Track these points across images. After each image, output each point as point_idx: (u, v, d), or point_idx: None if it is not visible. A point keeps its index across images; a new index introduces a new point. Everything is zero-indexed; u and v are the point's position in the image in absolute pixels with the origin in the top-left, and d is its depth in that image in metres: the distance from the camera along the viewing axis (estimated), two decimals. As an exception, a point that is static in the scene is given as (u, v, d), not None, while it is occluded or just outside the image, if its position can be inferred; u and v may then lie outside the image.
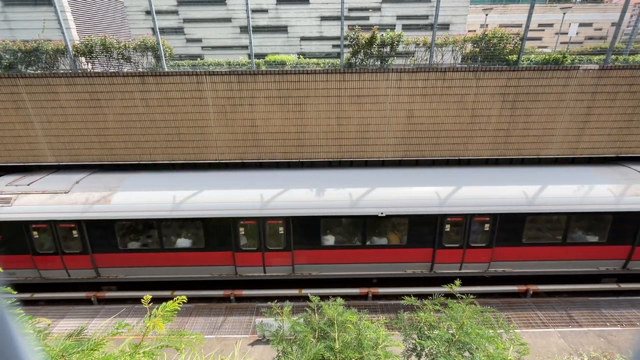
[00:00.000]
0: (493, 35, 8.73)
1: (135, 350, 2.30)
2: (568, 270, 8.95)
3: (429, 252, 8.67)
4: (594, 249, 8.75)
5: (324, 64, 8.99)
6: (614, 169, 9.22)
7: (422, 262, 8.79)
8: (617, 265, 8.87)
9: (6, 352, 0.45)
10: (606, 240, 8.62)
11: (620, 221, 8.44)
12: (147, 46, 8.64)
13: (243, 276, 8.93)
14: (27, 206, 8.15)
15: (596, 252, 8.77)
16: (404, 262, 8.81)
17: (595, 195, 8.33)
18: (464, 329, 3.14)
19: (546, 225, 8.74)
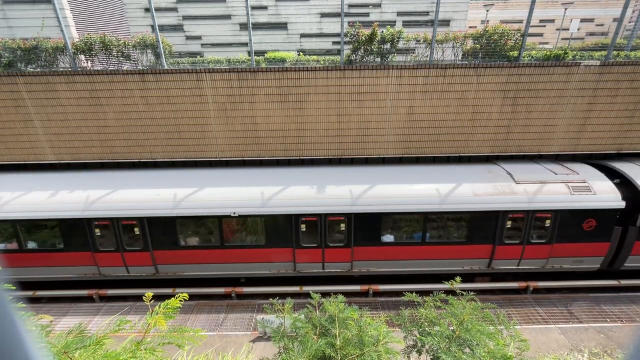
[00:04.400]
0: (494, 31, 8.69)
1: (137, 347, 2.31)
2: (432, 270, 8.94)
3: (289, 251, 8.66)
4: (457, 249, 8.72)
5: (324, 61, 8.95)
6: (484, 168, 9.18)
7: (285, 262, 8.79)
8: (482, 264, 8.84)
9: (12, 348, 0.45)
10: (468, 239, 8.61)
11: (479, 220, 8.45)
12: (146, 44, 8.61)
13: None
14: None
15: (459, 252, 8.74)
16: (267, 262, 8.81)
17: (456, 194, 8.28)
18: (464, 325, 3.15)
19: (406, 225, 8.71)
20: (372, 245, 8.65)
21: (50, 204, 8.20)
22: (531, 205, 8.21)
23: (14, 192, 8.44)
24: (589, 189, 8.24)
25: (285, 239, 8.55)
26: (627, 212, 8.42)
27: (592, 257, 8.72)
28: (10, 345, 0.45)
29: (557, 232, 8.42)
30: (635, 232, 8.47)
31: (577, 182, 8.35)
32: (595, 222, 8.33)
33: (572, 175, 8.57)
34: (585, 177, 8.52)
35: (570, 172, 8.71)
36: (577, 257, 8.72)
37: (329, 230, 8.51)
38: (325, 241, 8.57)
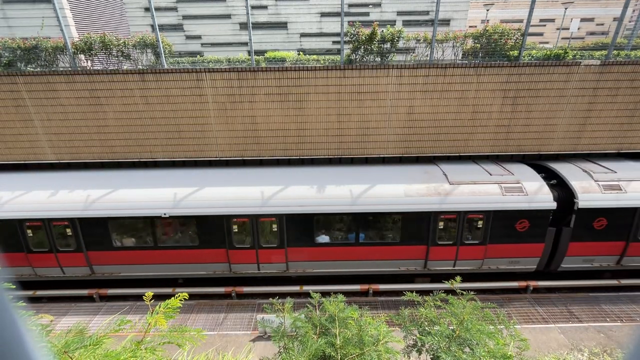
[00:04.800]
0: (494, 30, 8.68)
1: (138, 347, 2.31)
2: (369, 271, 8.94)
3: (222, 252, 8.65)
4: (391, 249, 8.70)
5: (324, 61, 8.95)
6: (422, 168, 9.16)
7: (219, 262, 8.78)
8: (418, 265, 8.83)
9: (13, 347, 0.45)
10: (402, 240, 8.59)
11: (412, 221, 8.44)
12: (146, 43, 8.61)
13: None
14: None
15: (394, 252, 8.72)
16: (202, 263, 8.79)
17: (388, 195, 8.27)
18: (464, 324, 3.16)
19: (339, 226, 8.69)
20: (306, 246, 8.62)
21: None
22: (463, 206, 8.20)
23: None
24: (521, 190, 8.23)
25: (218, 240, 8.50)
26: (562, 213, 8.44)
27: (528, 258, 8.72)
28: (11, 345, 0.45)
29: (490, 233, 8.41)
30: (569, 233, 8.46)
31: (511, 183, 8.34)
32: (528, 223, 8.33)
33: (507, 176, 8.56)
34: (519, 178, 8.50)
35: (506, 172, 8.70)
36: (512, 257, 8.73)
37: (262, 231, 8.46)
38: (259, 242, 8.54)
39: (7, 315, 0.45)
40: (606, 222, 8.32)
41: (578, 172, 8.72)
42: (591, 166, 9.00)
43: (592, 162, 9.25)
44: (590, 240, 8.51)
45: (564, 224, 8.53)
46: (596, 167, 8.92)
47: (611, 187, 8.25)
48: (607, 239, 8.50)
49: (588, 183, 8.35)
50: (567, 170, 8.81)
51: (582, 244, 8.56)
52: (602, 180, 8.37)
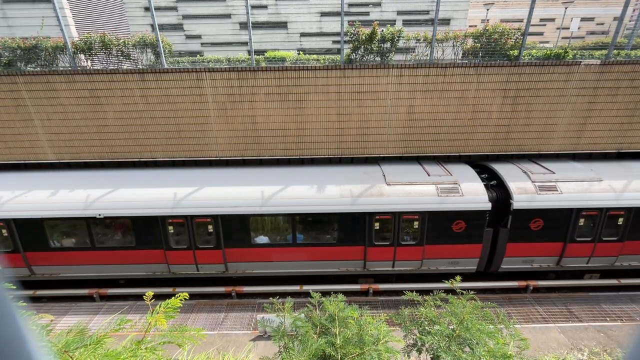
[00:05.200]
0: (494, 30, 8.68)
1: (138, 347, 2.31)
2: (309, 271, 8.91)
3: (160, 253, 8.62)
4: (330, 250, 8.68)
5: (324, 60, 8.94)
6: (362, 169, 9.12)
7: (158, 263, 8.78)
8: (357, 265, 8.81)
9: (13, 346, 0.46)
10: (340, 241, 8.60)
11: (348, 222, 8.43)
12: (146, 43, 8.60)
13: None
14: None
15: (333, 253, 8.71)
16: (141, 264, 8.79)
17: (324, 196, 8.26)
18: (464, 324, 3.16)
19: (276, 227, 8.65)
20: (243, 247, 8.60)
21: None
22: (398, 207, 8.19)
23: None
24: (457, 191, 8.22)
25: (155, 241, 8.47)
26: (501, 214, 8.45)
27: (467, 258, 8.72)
28: (12, 344, 0.46)
29: (427, 233, 8.41)
30: (506, 234, 8.45)
31: (447, 184, 8.33)
32: (464, 223, 8.33)
33: (445, 177, 8.55)
34: (457, 179, 8.49)
35: (445, 173, 8.69)
36: (452, 258, 8.74)
37: (198, 232, 8.43)
38: (195, 243, 8.50)
39: (8, 314, 0.46)
40: (543, 222, 8.33)
41: (518, 173, 8.71)
42: (532, 167, 8.99)
43: (535, 163, 9.24)
44: (528, 241, 8.52)
45: (502, 225, 8.53)
46: (536, 168, 8.90)
47: (547, 187, 8.25)
48: (545, 239, 8.51)
49: (525, 184, 8.34)
50: (508, 171, 8.81)
51: (520, 245, 8.56)
52: (539, 181, 8.37)
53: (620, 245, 8.54)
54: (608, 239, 8.51)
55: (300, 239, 8.65)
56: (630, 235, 8.44)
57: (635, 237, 8.49)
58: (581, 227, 8.41)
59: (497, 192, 8.46)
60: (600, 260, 8.75)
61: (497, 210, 8.43)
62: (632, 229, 8.39)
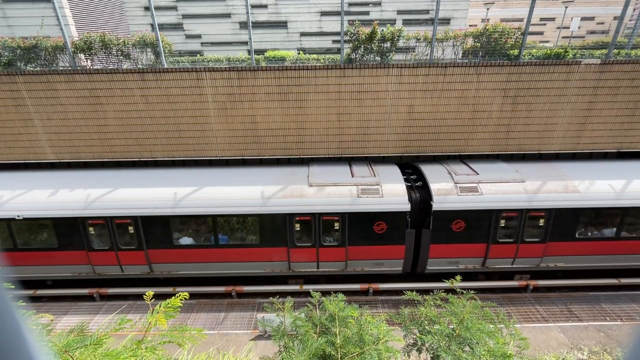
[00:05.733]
0: (494, 29, 8.67)
1: (138, 346, 2.32)
2: (233, 272, 8.91)
3: (83, 254, 8.58)
4: (253, 251, 8.65)
5: (324, 60, 8.94)
6: (290, 170, 9.12)
7: (81, 264, 8.73)
8: (282, 267, 8.80)
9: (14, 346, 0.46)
10: (263, 242, 8.55)
11: (270, 223, 8.38)
12: (146, 42, 8.60)
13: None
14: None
15: (256, 254, 8.67)
16: (63, 265, 8.72)
17: (245, 197, 8.25)
18: (464, 323, 3.16)
19: (199, 228, 8.65)
20: (166, 248, 8.55)
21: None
22: (318, 208, 8.15)
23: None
24: (377, 192, 8.20)
25: (79, 242, 8.44)
26: (424, 214, 8.45)
27: (392, 259, 8.69)
28: (13, 344, 0.46)
29: (348, 234, 8.37)
30: (428, 235, 8.44)
31: (369, 185, 8.31)
32: (385, 224, 8.29)
33: (368, 178, 8.53)
34: (380, 180, 8.47)
35: (370, 174, 8.68)
36: (376, 259, 8.70)
37: (119, 233, 8.40)
38: (117, 244, 8.47)
39: (9, 314, 0.46)
40: (464, 224, 8.32)
41: (443, 174, 8.70)
42: (459, 167, 8.98)
43: (464, 164, 9.22)
44: (451, 242, 8.51)
45: (425, 226, 8.53)
46: (462, 169, 8.89)
47: (468, 188, 8.24)
48: (468, 240, 8.51)
49: (446, 185, 8.34)
50: (434, 172, 8.81)
51: (444, 246, 8.56)
52: (461, 182, 8.35)
53: (544, 246, 8.53)
54: (530, 240, 8.51)
55: (224, 240, 8.60)
56: (552, 236, 8.43)
57: (558, 238, 8.48)
58: (503, 229, 8.41)
59: (421, 193, 8.45)
60: (525, 262, 8.75)
61: (420, 212, 8.44)
62: (554, 230, 8.39)
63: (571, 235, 8.47)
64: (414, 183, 8.79)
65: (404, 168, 9.49)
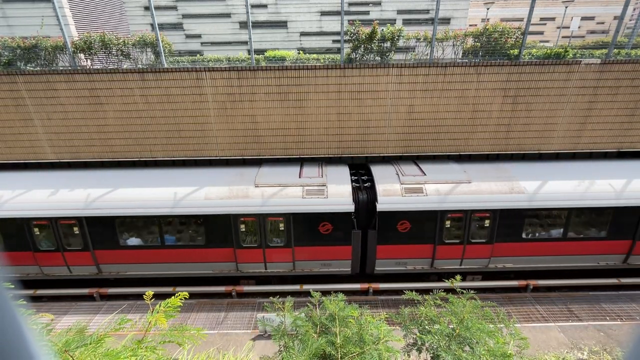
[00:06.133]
0: (494, 29, 8.67)
1: (138, 346, 2.32)
2: (179, 273, 8.90)
3: (29, 255, 8.54)
4: (199, 252, 8.62)
5: (324, 60, 8.94)
6: (239, 171, 9.09)
7: (27, 265, 8.69)
8: (229, 267, 8.80)
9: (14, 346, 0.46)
10: (209, 242, 8.53)
11: (214, 223, 8.35)
12: (146, 42, 8.59)
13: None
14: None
15: (203, 255, 8.64)
16: (15, 265, 8.68)
17: (189, 198, 8.23)
18: (464, 323, 3.16)
19: (145, 229, 8.60)
20: (113, 248, 8.52)
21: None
22: (262, 209, 8.13)
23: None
24: (322, 193, 8.19)
25: (24, 244, 8.39)
26: (371, 215, 8.42)
27: (340, 260, 8.67)
28: (13, 344, 0.46)
29: (294, 235, 8.36)
30: (374, 235, 8.42)
31: (315, 186, 8.30)
32: (331, 225, 8.27)
33: (315, 178, 8.53)
34: (327, 180, 8.46)
35: (317, 175, 8.68)
36: (323, 260, 8.67)
37: (64, 234, 8.36)
38: (63, 245, 8.42)
39: (9, 314, 0.46)
40: (410, 224, 8.31)
41: (391, 175, 8.69)
42: (408, 168, 8.98)
43: (415, 164, 9.22)
44: (397, 243, 8.49)
45: (371, 227, 8.51)
46: (411, 170, 8.89)
47: (413, 189, 8.24)
48: (415, 241, 8.50)
49: (392, 186, 8.32)
50: (382, 173, 8.79)
51: (390, 247, 8.53)
52: (407, 182, 8.35)
53: (490, 247, 8.53)
54: (477, 241, 8.51)
55: (172, 241, 8.59)
56: (499, 237, 8.44)
57: (505, 239, 8.49)
58: (449, 229, 8.41)
59: (368, 194, 8.44)
60: (473, 263, 8.74)
61: (368, 213, 8.41)
62: (501, 231, 8.39)
63: (518, 236, 8.49)
64: (363, 184, 8.74)
65: (359, 169, 9.47)
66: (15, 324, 0.46)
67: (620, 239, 8.54)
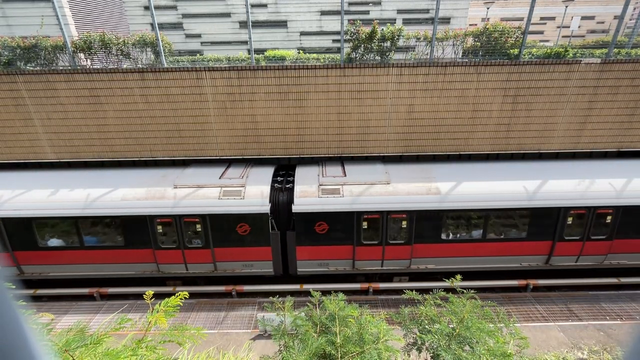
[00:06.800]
0: (494, 29, 8.66)
1: (138, 345, 2.32)
2: (99, 274, 8.87)
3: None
4: (119, 253, 8.60)
5: (324, 59, 8.93)
6: (165, 172, 9.08)
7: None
8: (152, 268, 8.79)
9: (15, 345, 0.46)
10: (128, 244, 8.49)
11: (132, 224, 8.30)
12: (146, 42, 8.59)
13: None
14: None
15: (123, 256, 8.62)
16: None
17: (106, 199, 8.20)
18: (464, 323, 3.16)
19: (59, 229, 8.55)
20: (32, 249, 8.47)
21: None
22: (178, 210, 8.10)
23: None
24: (239, 194, 8.19)
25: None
26: (290, 216, 8.41)
27: (261, 261, 8.65)
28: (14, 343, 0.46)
29: (212, 236, 8.34)
30: (293, 236, 8.42)
31: (233, 187, 8.30)
32: (249, 226, 8.26)
33: (235, 179, 8.54)
34: (246, 181, 8.46)
35: (239, 176, 8.68)
36: (244, 261, 8.66)
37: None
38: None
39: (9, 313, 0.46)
40: (327, 226, 8.30)
41: (312, 176, 8.69)
42: (331, 169, 8.98)
43: (340, 165, 9.18)
44: (317, 244, 8.48)
45: (289, 228, 8.50)
46: (333, 170, 8.88)
47: (330, 190, 8.23)
48: (335, 242, 8.49)
49: (310, 187, 8.32)
50: (305, 174, 8.80)
51: (310, 248, 8.53)
52: (325, 184, 8.34)
53: (409, 248, 8.52)
54: (395, 242, 8.50)
55: (93, 242, 8.55)
56: (418, 238, 8.44)
57: (423, 240, 8.49)
58: (367, 230, 8.39)
59: (289, 196, 8.43)
60: (393, 264, 8.74)
61: (288, 214, 8.39)
62: (419, 232, 8.39)
63: (437, 237, 8.49)
64: (285, 185, 8.71)
65: (288, 170, 9.45)
66: (16, 323, 0.46)
67: (540, 240, 8.56)
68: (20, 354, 0.46)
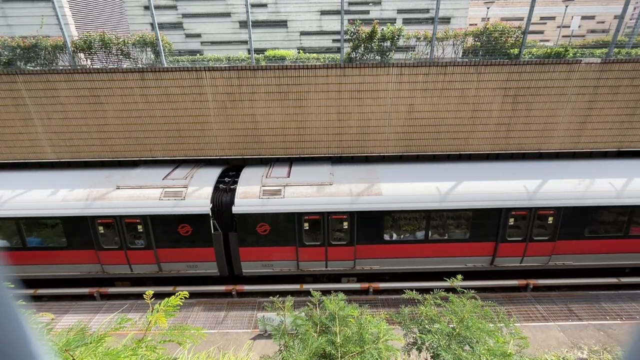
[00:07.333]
0: (494, 28, 8.66)
1: (138, 345, 2.32)
2: (38, 275, 8.84)
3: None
4: (62, 253, 8.55)
5: (324, 59, 8.93)
6: (107, 173, 9.03)
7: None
8: (97, 269, 8.77)
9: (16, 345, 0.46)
10: (70, 245, 8.45)
11: (74, 226, 8.26)
12: (146, 42, 8.59)
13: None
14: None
15: (65, 257, 8.59)
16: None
17: (51, 199, 8.16)
18: (464, 322, 3.16)
19: (7, 230, 8.54)
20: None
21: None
22: (119, 211, 8.09)
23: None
24: (180, 195, 8.17)
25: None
26: (232, 217, 8.40)
27: (205, 262, 8.62)
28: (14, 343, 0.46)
29: (154, 237, 8.33)
30: (235, 238, 8.43)
31: (175, 188, 8.30)
32: (190, 227, 8.24)
33: (178, 180, 8.54)
34: (189, 182, 8.44)
35: (183, 177, 8.67)
36: (188, 262, 8.63)
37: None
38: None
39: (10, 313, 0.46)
40: (269, 227, 8.30)
41: (256, 177, 8.67)
42: (277, 170, 8.93)
43: (287, 167, 9.15)
44: (259, 245, 8.47)
45: (231, 229, 8.49)
46: (279, 172, 8.85)
47: (272, 192, 8.22)
48: (277, 243, 8.49)
49: (252, 188, 8.31)
50: (250, 175, 8.78)
51: (253, 249, 8.52)
52: (267, 185, 8.33)
53: (352, 249, 8.52)
54: (337, 243, 8.49)
55: (36, 243, 8.52)
56: (360, 239, 8.44)
57: (365, 241, 8.49)
58: (309, 231, 8.38)
59: (232, 197, 8.40)
60: (337, 264, 8.74)
61: (231, 214, 8.37)
62: (361, 233, 8.38)
63: (379, 238, 8.49)
64: (229, 186, 8.67)
65: (239, 171, 9.40)
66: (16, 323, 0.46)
67: (483, 241, 8.55)
68: (20, 353, 0.46)
